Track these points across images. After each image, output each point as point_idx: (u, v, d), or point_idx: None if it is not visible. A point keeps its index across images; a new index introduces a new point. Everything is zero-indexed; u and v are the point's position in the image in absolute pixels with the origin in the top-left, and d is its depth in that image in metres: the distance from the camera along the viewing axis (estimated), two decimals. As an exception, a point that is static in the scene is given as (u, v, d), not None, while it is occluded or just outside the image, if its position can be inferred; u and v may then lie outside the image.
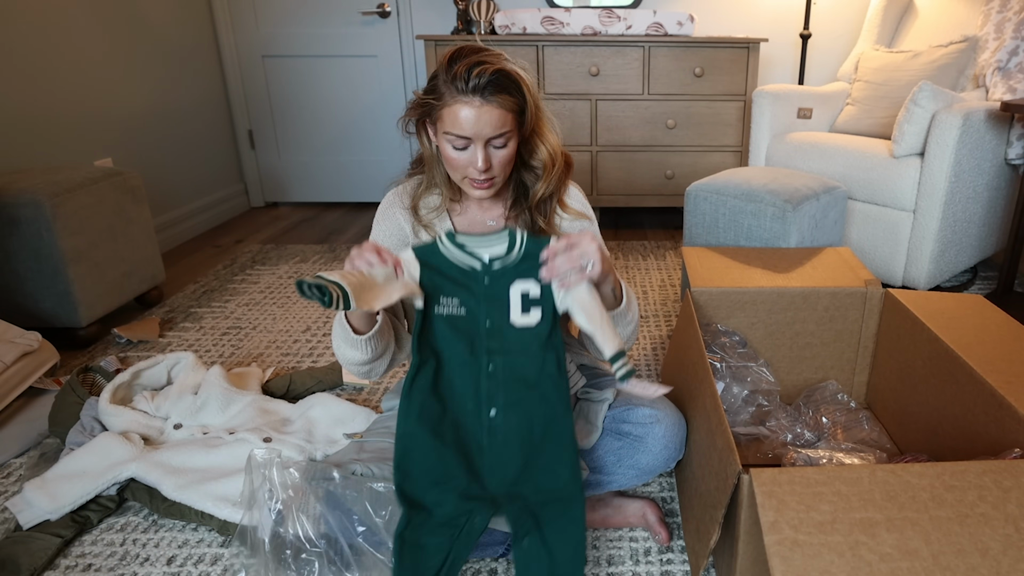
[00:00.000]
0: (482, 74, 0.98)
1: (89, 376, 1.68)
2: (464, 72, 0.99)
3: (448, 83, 1.00)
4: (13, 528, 1.18)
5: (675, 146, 2.88)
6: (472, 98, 1.00)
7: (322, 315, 2.12)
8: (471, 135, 1.02)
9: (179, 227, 2.94)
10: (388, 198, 1.21)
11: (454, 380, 0.99)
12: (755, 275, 1.56)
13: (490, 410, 0.98)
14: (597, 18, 2.72)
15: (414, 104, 1.08)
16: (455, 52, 1.03)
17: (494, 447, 0.97)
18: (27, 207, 1.74)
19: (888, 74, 2.42)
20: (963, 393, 1.11)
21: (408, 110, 1.10)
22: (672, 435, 1.09)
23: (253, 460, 0.98)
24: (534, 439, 0.97)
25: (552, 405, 0.97)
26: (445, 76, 1.01)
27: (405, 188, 1.22)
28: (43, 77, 2.24)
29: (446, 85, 1.01)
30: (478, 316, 1.00)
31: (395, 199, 1.20)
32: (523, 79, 1.04)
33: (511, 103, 1.03)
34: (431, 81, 1.05)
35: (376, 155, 3.46)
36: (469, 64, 0.99)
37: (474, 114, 1.01)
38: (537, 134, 1.12)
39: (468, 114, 1.01)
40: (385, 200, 1.22)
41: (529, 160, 1.14)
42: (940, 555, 0.73)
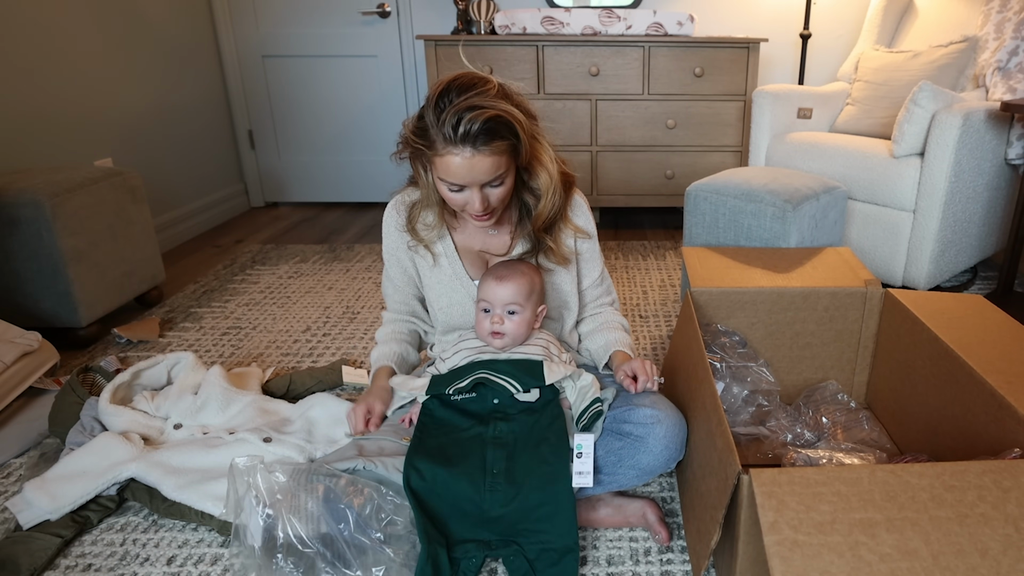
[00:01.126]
0: (473, 122, 0.95)
1: (89, 376, 1.68)
2: (453, 121, 0.96)
3: (437, 131, 0.98)
4: (13, 528, 1.18)
5: (675, 146, 2.88)
6: (463, 148, 0.98)
7: (322, 315, 2.12)
8: (465, 183, 1.02)
9: (179, 227, 2.94)
10: (389, 212, 1.26)
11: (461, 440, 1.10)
12: (755, 275, 1.56)
13: (493, 468, 1.06)
14: (597, 18, 2.72)
15: (405, 143, 1.07)
16: (443, 90, 0.99)
17: (495, 500, 1.03)
18: (27, 207, 1.74)
19: (888, 74, 2.42)
20: (963, 393, 1.11)
21: (400, 146, 1.10)
22: (673, 436, 1.10)
23: (236, 468, 0.97)
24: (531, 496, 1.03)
25: (551, 464, 1.05)
26: (435, 121, 0.98)
27: (403, 200, 1.24)
28: (43, 77, 2.24)
29: (436, 132, 0.98)
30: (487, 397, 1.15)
31: (394, 214, 1.25)
32: (516, 119, 1.01)
33: (504, 147, 1.01)
34: (419, 120, 1.02)
35: (376, 155, 3.46)
36: (458, 111, 0.95)
37: (466, 164, 0.99)
38: (536, 160, 1.12)
39: (460, 164, 0.99)
40: (387, 214, 1.26)
41: (529, 182, 1.17)
42: (940, 555, 0.73)
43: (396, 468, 1.06)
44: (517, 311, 1.14)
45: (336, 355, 1.85)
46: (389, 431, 1.17)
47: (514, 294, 1.13)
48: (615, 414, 1.13)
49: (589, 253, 1.30)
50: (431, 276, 1.26)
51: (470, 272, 1.24)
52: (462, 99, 0.97)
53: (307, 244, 2.89)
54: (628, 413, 1.12)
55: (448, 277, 1.24)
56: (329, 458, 1.11)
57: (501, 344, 1.16)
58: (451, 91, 0.99)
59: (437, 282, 1.25)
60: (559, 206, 1.18)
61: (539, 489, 1.03)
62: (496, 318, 1.14)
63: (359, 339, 1.95)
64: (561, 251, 1.23)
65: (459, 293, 1.24)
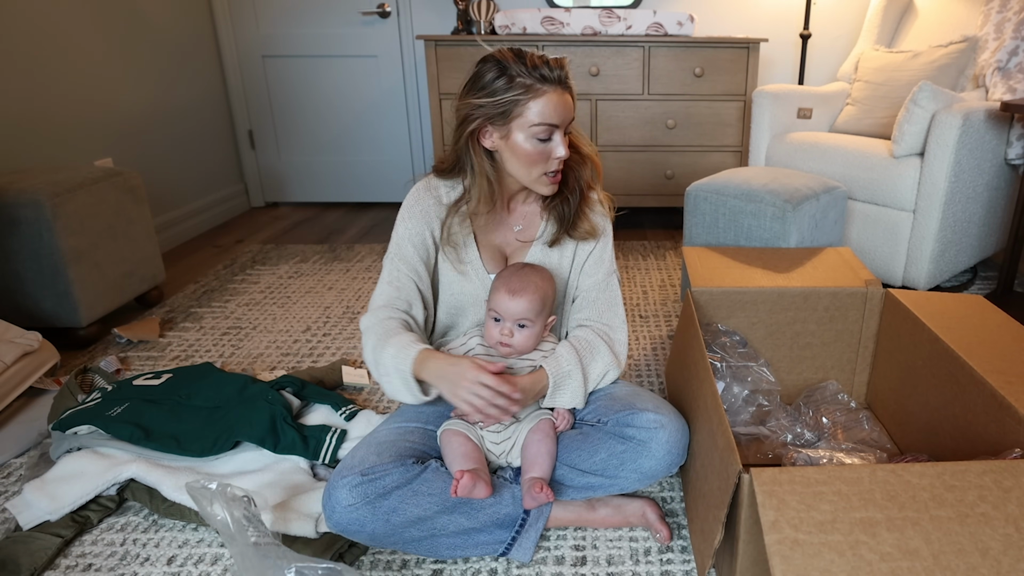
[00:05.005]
0: (559, 65, 1.08)
1: (88, 377, 1.68)
2: (543, 64, 1.07)
3: (530, 74, 1.06)
4: (13, 528, 1.18)
5: (675, 146, 2.88)
6: (556, 87, 1.08)
7: (322, 315, 2.12)
8: (559, 122, 1.09)
9: (179, 227, 2.94)
10: (415, 196, 1.22)
11: None
12: (755, 275, 1.56)
13: None
14: (597, 18, 2.72)
15: (487, 106, 1.09)
16: (511, 52, 1.09)
17: None
18: (27, 207, 1.74)
19: (888, 74, 2.42)
20: (963, 393, 1.11)
21: (473, 117, 1.10)
22: (675, 441, 1.10)
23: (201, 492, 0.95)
24: None
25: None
26: (524, 70, 1.06)
27: (429, 186, 1.23)
28: (43, 77, 2.24)
29: (529, 77, 1.06)
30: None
31: (423, 196, 1.21)
32: None
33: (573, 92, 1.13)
34: (498, 80, 1.08)
35: (376, 155, 3.46)
36: (542, 58, 1.08)
37: (561, 101, 1.09)
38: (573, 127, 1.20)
39: (557, 101, 1.08)
40: (412, 197, 1.22)
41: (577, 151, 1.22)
42: (940, 555, 0.73)
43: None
44: (527, 325, 1.14)
45: (336, 355, 1.85)
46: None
47: (526, 309, 1.13)
48: (618, 417, 1.13)
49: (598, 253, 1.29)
50: (444, 264, 1.23)
51: (487, 265, 1.23)
52: (533, 53, 1.09)
53: (307, 244, 2.89)
54: (631, 417, 1.12)
55: (464, 267, 1.22)
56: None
57: (507, 352, 1.16)
58: (517, 50, 1.10)
59: (450, 270, 1.23)
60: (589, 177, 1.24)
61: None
62: (506, 330, 1.14)
63: (359, 339, 1.95)
64: (590, 222, 1.24)
65: (472, 284, 1.22)
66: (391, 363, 1.08)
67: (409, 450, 1.11)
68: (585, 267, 1.28)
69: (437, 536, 1.06)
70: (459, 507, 1.06)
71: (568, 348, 1.18)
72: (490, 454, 1.16)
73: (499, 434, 1.15)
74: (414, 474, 1.06)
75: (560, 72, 1.08)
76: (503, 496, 1.10)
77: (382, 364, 1.10)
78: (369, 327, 1.15)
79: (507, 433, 1.16)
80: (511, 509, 1.09)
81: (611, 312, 1.25)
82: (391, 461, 1.05)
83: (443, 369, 1.06)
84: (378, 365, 1.11)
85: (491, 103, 1.08)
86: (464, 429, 1.14)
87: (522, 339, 1.15)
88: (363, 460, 1.05)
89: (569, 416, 1.20)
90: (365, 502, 1.01)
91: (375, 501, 1.01)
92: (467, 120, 1.12)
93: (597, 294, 1.26)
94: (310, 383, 1.56)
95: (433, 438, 1.17)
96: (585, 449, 1.12)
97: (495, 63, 1.09)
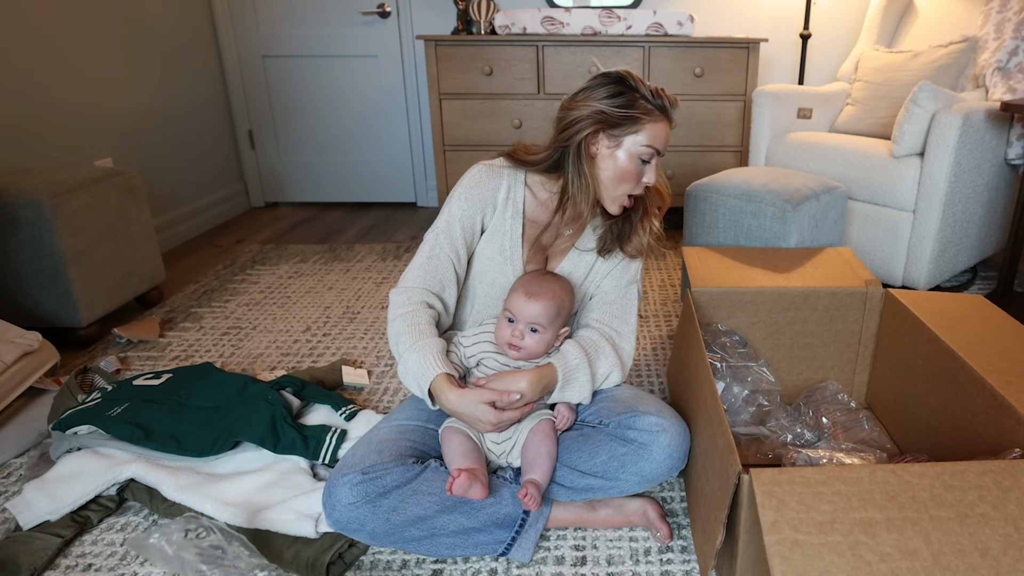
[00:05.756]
0: (674, 102, 1.16)
1: (88, 377, 1.68)
2: (663, 96, 1.15)
3: (652, 102, 1.13)
4: (13, 528, 1.18)
5: (675, 146, 2.88)
6: (668, 119, 1.16)
7: (322, 315, 2.12)
8: (662, 150, 1.16)
9: (179, 227, 2.94)
10: (481, 175, 1.21)
11: None
12: (755, 275, 1.56)
13: None
14: (597, 18, 2.72)
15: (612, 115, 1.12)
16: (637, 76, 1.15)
17: None
18: (27, 207, 1.74)
19: (888, 74, 2.42)
20: (963, 393, 1.11)
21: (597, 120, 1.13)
22: (677, 445, 1.10)
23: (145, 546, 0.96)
24: None
25: None
26: (648, 95, 1.13)
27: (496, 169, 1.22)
28: (43, 77, 2.24)
29: (651, 104, 1.13)
30: None
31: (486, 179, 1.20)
32: None
33: None
34: (620, 97, 1.12)
35: (376, 155, 3.46)
36: (662, 90, 1.15)
37: (667, 134, 1.16)
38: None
39: (667, 133, 1.16)
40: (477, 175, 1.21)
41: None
42: (940, 555, 0.73)
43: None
44: (539, 330, 1.14)
45: (336, 355, 1.85)
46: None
47: (539, 314, 1.13)
48: (619, 420, 1.13)
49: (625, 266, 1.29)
50: (487, 251, 1.22)
51: (527, 261, 1.23)
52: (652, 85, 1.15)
53: (307, 244, 2.89)
54: (633, 420, 1.12)
55: (504, 259, 1.21)
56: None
57: (516, 355, 1.15)
58: (640, 77, 1.16)
59: (488, 258, 1.22)
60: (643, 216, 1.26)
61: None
62: (517, 331, 1.14)
63: (359, 339, 1.95)
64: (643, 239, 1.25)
65: (507, 278, 1.22)
66: (413, 368, 1.10)
67: (409, 449, 1.11)
68: (613, 271, 1.28)
69: (437, 535, 1.06)
70: (459, 506, 1.06)
71: (574, 345, 1.18)
72: (490, 454, 1.16)
73: (499, 434, 1.15)
74: (414, 473, 1.06)
75: (674, 109, 1.16)
76: (503, 496, 1.10)
77: (406, 361, 1.11)
78: (401, 313, 1.15)
79: (507, 433, 1.16)
80: (511, 509, 1.09)
81: (622, 320, 1.25)
82: (391, 460, 1.06)
83: (455, 409, 1.09)
84: (401, 358, 1.12)
85: (618, 113, 1.12)
86: (465, 428, 1.14)
87: (532, 343, 1.14)
88: (363, 458, 1.05)
89: (571, 415, 1.20)
90: (365, 500, 1.01)
91: (375, 500, 1.01)
92: (585, 120, 1.12)
93: (615, 297, 1.26)
94: (310, 383, 1.56)
95: (433, 436, 1.17)
96: (586, 451, 1.12)
97: (625, 79, 1.13)
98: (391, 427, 1.16)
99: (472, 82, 2.81)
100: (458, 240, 1.19)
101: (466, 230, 1.20)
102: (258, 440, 1.28)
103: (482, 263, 1.22)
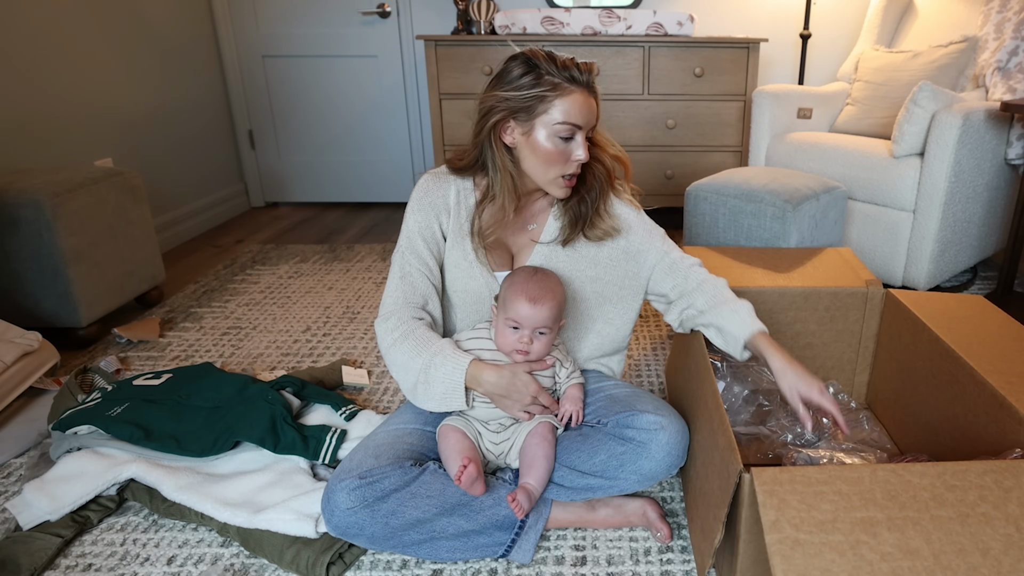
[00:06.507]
0: (588, 70, 1.10)
1: (88, 377, 1.68)
2: (574, 66, 1.09)
3: (560, 74, 1.08)
4: (13, 528, 1.18)
5: (675, 146, 2.88)
6: (582, 89, 1.09)
7: (322, 315, 2.12)
8: (582, 124, 1.10)
9: (179, 227, 2.94)
10: (424, 187, 1.20)
11: None
12: (755, 275, 1.55)
13: None
14: (597, 18, 2.72)
15: (513, 100, 1.09)
16: (542, 52, 1.10)
17: None
18: (27, 207, 1.74)
19: (888, 74, 2.42)
20: (964, 393, 1.11)
21: (497, 109, 1.11)
22: (676, 443, 1.09)
23: None
24: None
25: None
26: (554, 70, 1.08)
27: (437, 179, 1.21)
28: (43, 77, 2.24)
29: (558, 76, 1.08)
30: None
31: (432, 187, 1.20)
32: None
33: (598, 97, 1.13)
34: (525, 76, 1.08)
35: (376, 155, 3.46)
36: (572, 60, 1.09)
37: (586, 104, 1.10)
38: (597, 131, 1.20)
39: (583, 103, 1.09)
40: (421, 189, 1.20)
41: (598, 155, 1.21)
42: (941, 555, 0.73)
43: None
44: (546, 332, 1.12)
45: (336, 355, 1.85)
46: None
47: (547, 318, 1.11)
48: (618, 419, 1.12)
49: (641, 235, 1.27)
50: (451, 258, 1.21)
51: (492, 263, 1.21)
52: (563, 56, 1.10)
53: (307, 244, 2.89)
54: (631, 418, 1.11)
55: (469, 263, 1.20)
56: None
57: (522, 359, 1.13)
58: (548, 52, 1.11)
59: (455, 265, 1.21)
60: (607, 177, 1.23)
61: None
62: (525, 338, 1.11)
63: (359, 339, 1.94)
64: (609, 222, 1.23)
65: (477, 282, 1.20)
66: (441, 371, 1.07)
67: (407, 452, 1.11)
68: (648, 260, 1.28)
69: (436, 539, 1.05)
70: (458, 509, 1.06)
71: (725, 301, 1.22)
72: (489, 454, 1.15)
73: (499, 434, 1.15)
74: (412, 476, 1.05)
75: (588, 76, 1.10)
76: (502, 498, 1.10)
77: (431, 369, 1.07)
78: (399, 336, 1.11)
79: (506, 434, 1.15)
80: (510, 511, 1.09)
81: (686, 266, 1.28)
82: (389, 464, 1.05)
83: (498, 384, 1.08)
84: (423, 371, 1.08)
85: (517, 97, 1.08)
86: (462, 426, 1.13)
87: (540, 347, 1.12)
88: (361, 463, 1.05)
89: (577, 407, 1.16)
90: (364, 505, 1.01)
91: (374, 504, 1.01)
92: (490, 112, 1.11)
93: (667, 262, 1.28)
94: (310, 383, 1.56)
95: (431, 439, 1.17)
96: (585, 450, 1.12)
97: (525, 60, 1.09)
98: (388, 431, 1.16)
99: (472, 82, 2.81)
100: (423, 252, 1.18)
101: (428, 240, 1.19)
102: (258, 440, 1.28)
103: (451, 271, 1.21)
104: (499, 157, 1.13)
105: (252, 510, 1.14)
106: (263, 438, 1.28)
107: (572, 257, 1.24)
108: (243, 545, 1.13)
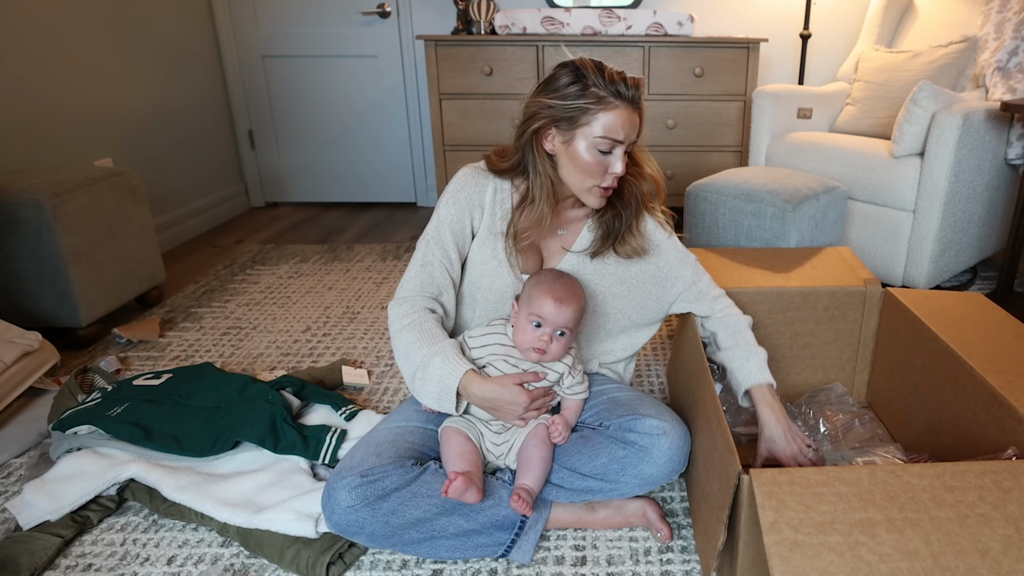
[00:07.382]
0: (636, 85, 1.09)
1: (88, 377, 1.68)
2: (621, 80, 1.08)
3: (605, 87, 1.07)
4: (13, 528, 1.18)
5: (675, 146, 2.88)
6: (627, 104, 1.09)
7: (322, 315, 2.12)
8: (623, 139, 1.10)
9: (179, 227, 2.94)
10: (464, 179, 1.20)
11: None
12: (755, 275, 1.56)
13: None
14: (597, 18, 2.72)
15: (557, 108, 1.09)
16: (591, 62, 1.09)
17: None
18: (27, 207, 1.74)
19: (888, 74, 2.42)
20: (963, 393, 1.11)
21: (540, 116, 1.11)
22: (677, 448, 1.09)
23: None
24: None
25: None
26: (600, 81, 1.07)
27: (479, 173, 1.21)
28: (43, 78, 2.24)
29: (603, 89, 1.07)
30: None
31: (470, 181, 1.20)
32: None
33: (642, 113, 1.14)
34: (572, 86, 1.08)
35: (376, 155, 3.46)
36: (620, 74, 1.09)
37: (629, 119, 1.09)
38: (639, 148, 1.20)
39: (626, 117, 1.09)
40: (461, 179, 1.20)
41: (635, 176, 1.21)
42: (940, 556, 0.73)
43: None
44: (566, 333, 1.12)
45: (336, 355, 1.85)
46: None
47: (570, 319, 1.11)
48: (620, 422, 1.12)
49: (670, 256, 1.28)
50: (480, 255, 1.21)
51: (522, 264, 1.21)
52: (612, 68, 1.09)
53: (307, 244, 2.89)
54: (633, 423, 1.11)
55: (499, 263, 1.20)
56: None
57: (538, 359, 1.13)
58: (598, 63, 1.10)
59: (482, 263, 1.20)
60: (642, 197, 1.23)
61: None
62: (545, 336, 1.10)
63: (359, 339, 1.95)
64: (639, 241, 1.23)
65: (503, 281, 1.20)
66: (437, 372, 1.07)
67: (408, 451, 1.11)
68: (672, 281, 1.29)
69: (436, 538, 1.06)
70: (458, 508, 1.06)
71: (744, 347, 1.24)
72: (489, 454, 1.15)
73: (499, 435, 1.15)
74: (413, 476, 1.06)
75: (635, 91, 1.09)
76: (502, 498, 1.10)
77: (428, 368, 1.08)
78: (407, 323, 1.13)
79: (506, 436, 1.15)
80: (510, 511, 1.09)
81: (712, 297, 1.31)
82: (390, 462, 1.05)
83: (487, 397, 1.09)
84: (421, 366, 1.09)
85: (561, 106, 1.09)
86: (464, 427, 1.13)
87: (558, 347, 1.12)
88: (362, 461, 1.05)
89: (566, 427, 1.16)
90: (364, 503, 1.01)
91: (374, 503, 1.01)
92: (534, 118, 1.11)
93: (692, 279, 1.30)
94: (310, 383, 1.56)
95: (432, 438, 1.17)
96: (586, 453, 1.11)
97: (573, 69, 1.09)
98: (390, 429, 1.16)
99: (472, 82, 2.81)
100: (449, 245, 1.19)
101: (456, 234, 1.19)
102: (258, 440, 1.28)
103: (477, 268, 1.21)
104: (540, 163, 1.14)
105: (252, 510, 1.15)
106: (263, 438, 1.28)
107: (599, 271, 1.24)
108: (243, 545, 1.13)
